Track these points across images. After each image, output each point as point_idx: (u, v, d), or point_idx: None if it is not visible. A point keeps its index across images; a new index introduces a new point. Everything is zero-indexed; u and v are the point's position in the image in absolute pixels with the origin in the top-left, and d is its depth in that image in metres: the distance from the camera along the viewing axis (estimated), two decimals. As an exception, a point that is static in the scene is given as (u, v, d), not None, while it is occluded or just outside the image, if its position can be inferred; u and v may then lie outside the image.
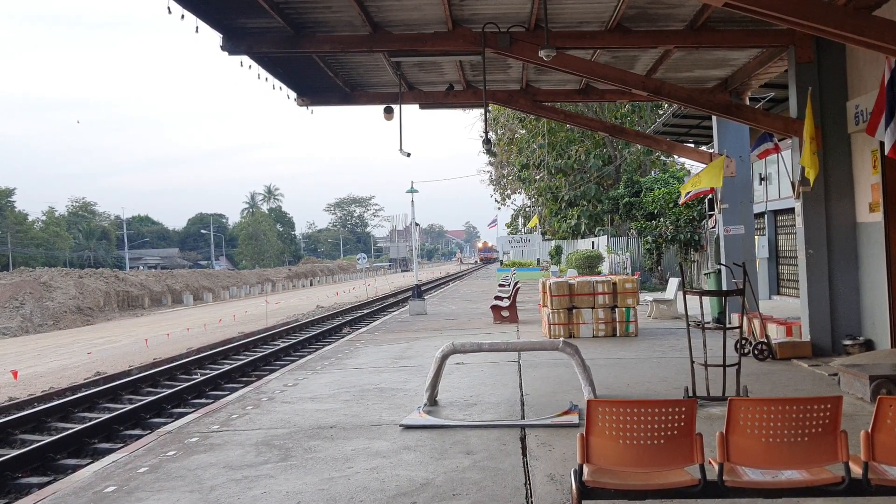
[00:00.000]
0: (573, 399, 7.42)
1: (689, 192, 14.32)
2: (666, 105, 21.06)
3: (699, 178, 13.41)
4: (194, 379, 13.56)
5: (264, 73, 11.70)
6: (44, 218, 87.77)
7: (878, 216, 9.26)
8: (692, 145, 17.57)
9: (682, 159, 33.30)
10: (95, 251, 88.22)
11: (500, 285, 23.22)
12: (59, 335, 29.24)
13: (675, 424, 3.56)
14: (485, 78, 11.43)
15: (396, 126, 12.97)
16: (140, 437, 8.76)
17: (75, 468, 7.74)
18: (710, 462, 3.57)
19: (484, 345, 8.03)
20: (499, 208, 59.37)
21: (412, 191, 23.97)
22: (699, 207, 21.65)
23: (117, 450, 7.49)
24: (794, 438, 3.53)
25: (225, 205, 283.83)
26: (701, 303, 8.74)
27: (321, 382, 9.39)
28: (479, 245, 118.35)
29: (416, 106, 14.25)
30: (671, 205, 25.10)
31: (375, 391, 8.61)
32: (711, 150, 14.82)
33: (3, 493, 7.57)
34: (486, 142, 13.06)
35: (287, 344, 18.14)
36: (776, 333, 10.41)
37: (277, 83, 12.43)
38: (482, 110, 14.66)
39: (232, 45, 10.09)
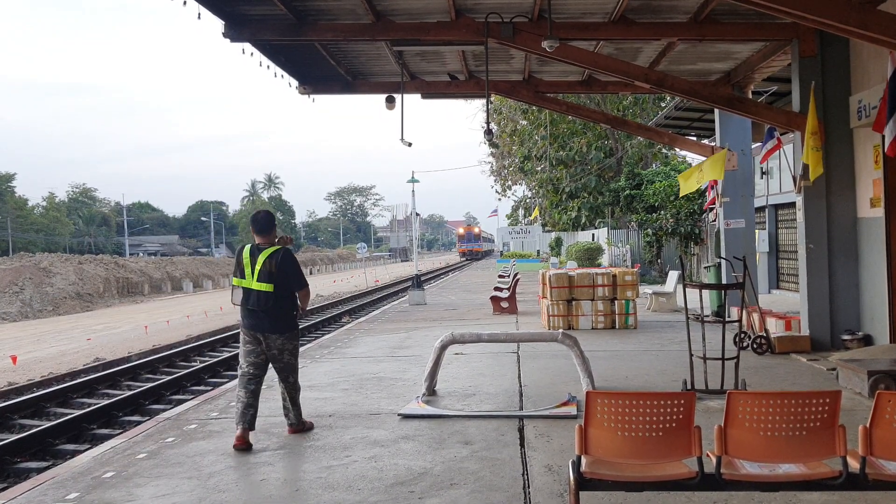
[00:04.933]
0: (572, 390, 7.43)
1: (697, 188, 14.19)
2: (668, 98, 21.02)
3: (700, 170, 13.37)
4: (193, 366, 13.60)
5: (266, 61, 11.65)
6: (44, 203, 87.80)
7: (880, 211, 9.25)
8: (694, 138, 17.52)
9: (683, 152, 33.27)
10: (95, 237, 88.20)
11: (500, 276, 23.23)
12: (58, 321, 29.26)
13: (674, 417, 3.56)
14: (487, 68, 11.39)
15: (398, 115, 12.94)
16: (139, 423, 8.78)
17: (74, 453, 7.76)
18: (707, 455, 3.57)
19: (483, 335, 8.03)
20: (499, 199, 58.97)
21: (413, 181, 23.95)
22: (700, 201, 21.62)
23: (116, 436, 7.52)
24: (793, 432, 3.53)
25: (225, 192, 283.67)
26: (700, 296, 8.73)
27: (320, 371, 9.41)
28: (460, 231, 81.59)
29: (418, 95, 14.20)
30: (672, 198, 25.06)
31: (374, 380, 8.62)
32: (714, 144, 14.79)
33: (2, 477, 7.60)
34: (488, 132, 13.02)
35: (286, 332, 18.12)
36: (775, 328, 10.41)
37: (279, 71, 12.38)
38: (484, 101, 14.61)
39: (234, 32, 10.04)
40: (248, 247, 6.24)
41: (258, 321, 6.08)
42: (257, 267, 6.03)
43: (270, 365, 6.22)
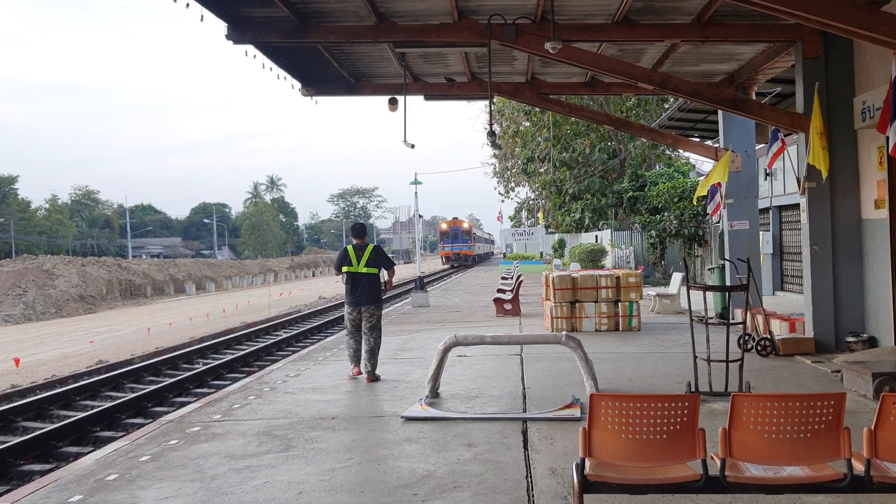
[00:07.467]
0: (575, 393, 7.41)
1: (704, 197, 14.04)
2: (672, 99, 20.98)
3: (710, 177, 13.30)
4: (196, 368, 13.58)
5: (269, 63, 11.66)
6: (47, 206, 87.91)
7: (884, 213, 9.22)
8: (698, 140, 17.51)
9: (687, 153, 33.24)
10: (98, 239, 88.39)
11: (503, 278, 23.22)
12: (61, 323, 29.32)
13: (678, 419, 3.55)
14: (490, 70, 11.38)
15: (400, 117, 12.97)
16: (142, 425, 8.78)
17: (77, 456, 7.76)
18: (712, 457, 3.56)
19: (486, 337, 8.01)
20: (502, 201, 58.54)
21: (415, 182, 23.91)
22: (704, 202, 21.59)
23: (119, 438, 7.52)
24: (797, 435, 3.51)
25: (228, 194, 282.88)
26: (704, 298, 8.70)
27: (323, 373, 9.40)
28: (443, 226, 65.66)
29: (421, 97, 14.22)
30: (675, 199, 25.02)
31: (377, 382, 8.61)
32: (717, 145, 14.77)
33: (5, 479, 7.60)
34: (491, 134, 13.00)
35: (289, 334, 18.17)
36: (779, 329, 10.39)
37: (282, 73, 12.39)
38: (487, 102, 14.61)
39: (237, 34, 10.05)
40: (350, 246, 9.02)
41: (359, 297, 8.87)
42: (364, 258, 8.85)
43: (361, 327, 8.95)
